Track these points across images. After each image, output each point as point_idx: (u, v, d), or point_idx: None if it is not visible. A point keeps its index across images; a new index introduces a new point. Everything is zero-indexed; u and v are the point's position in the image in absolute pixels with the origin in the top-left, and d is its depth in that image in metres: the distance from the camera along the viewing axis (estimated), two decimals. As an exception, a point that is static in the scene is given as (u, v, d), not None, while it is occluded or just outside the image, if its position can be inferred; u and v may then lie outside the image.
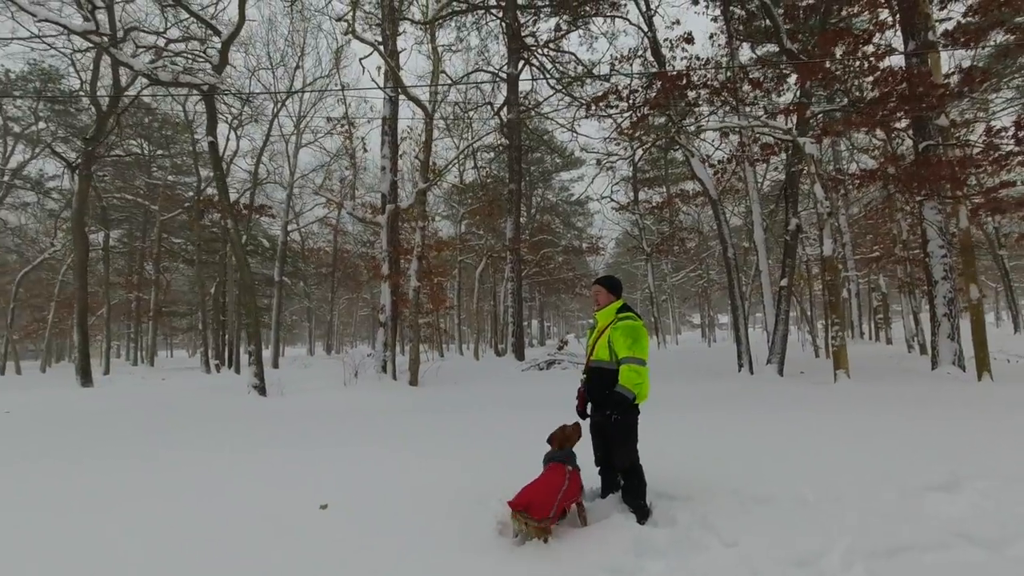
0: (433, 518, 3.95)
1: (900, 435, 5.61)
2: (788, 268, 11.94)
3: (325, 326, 46.58)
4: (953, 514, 3.74)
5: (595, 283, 4.25)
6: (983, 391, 8.17)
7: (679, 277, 35.55)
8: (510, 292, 20.01)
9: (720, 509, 3.88)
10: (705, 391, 9.43)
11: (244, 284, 10.90)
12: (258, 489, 4.64)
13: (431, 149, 11.67)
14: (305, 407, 9.18)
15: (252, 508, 4.20)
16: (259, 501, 4.35)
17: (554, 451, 3.94)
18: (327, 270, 38.86)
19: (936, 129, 10.45)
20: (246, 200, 24.17)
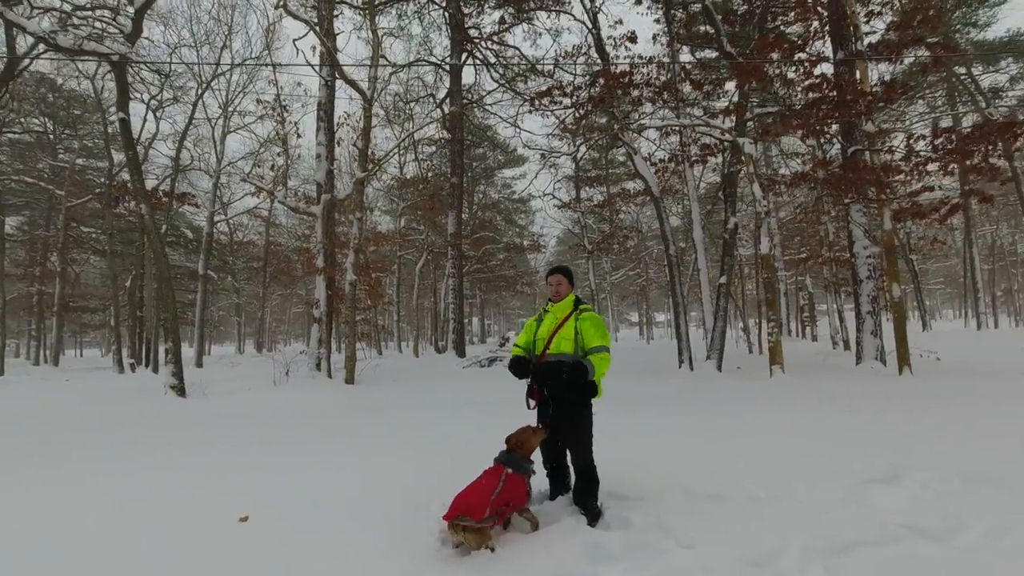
0: (368, 528, 3.59)
1: (838, 429, 5.72)
2: (727, 266, 12.25)
3: (256, 323, 44.34)
4: (897, 507, 3.75)
5: (555, 272, 3.99)
6: (906, 385, 8.59)
7: (618, 275, 36.24)
8: (451, 288, 19.58)
9: (674, 509, 3.74)
10: (648, 388, 9.45)
11: (162, 276, 9.97)
12: (167, 501, 4.11)
13: (370, 137, 11.12)
14: (228, 409, 8.47)
15: (159, 522, 3.68)
16: (168, 515, 3.83)
17: (502, 452, 3.67)
18: (258, 264, 36.99)
19: (863, 135, 10.96)
20: (167, 187, 22.53)
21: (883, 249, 10.40)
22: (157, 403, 9.24)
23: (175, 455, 5.39)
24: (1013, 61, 22.82)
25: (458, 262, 19.55)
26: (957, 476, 4.20)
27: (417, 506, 3.93)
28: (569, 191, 28.35)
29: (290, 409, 8.18)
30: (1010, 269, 37.85)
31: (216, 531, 3.58)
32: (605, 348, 3.70)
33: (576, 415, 3.73)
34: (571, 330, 3.72)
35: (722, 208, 23.85)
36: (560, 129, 15.53)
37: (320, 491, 4.22)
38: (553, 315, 3.86)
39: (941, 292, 54.60)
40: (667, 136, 13.95)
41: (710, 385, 9.56)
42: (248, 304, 45.72)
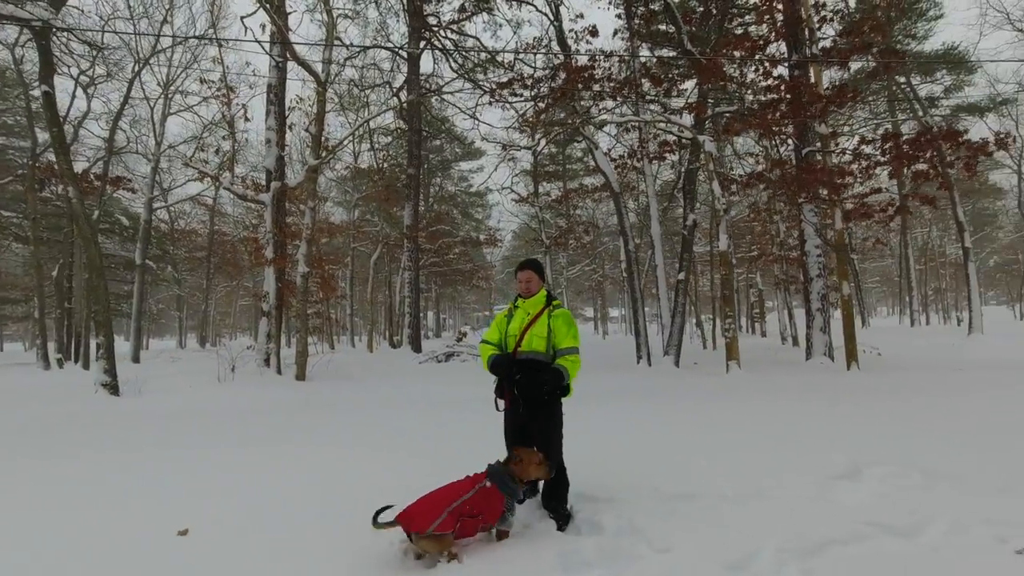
0: (320, 537, 3.33)
1: (797, 424, 5.79)
2: (685, 262, 12.39)
3: (200, 316, 42.28)
4: (861, 503, 3.77)
5: (525, 268, 3.73)
6: (855, 380, 8.87)
7: (575, 271, 36.49)
8: (407, 282, 19.15)
9: (645, 510, 3.63)
10: (608, 384, 9.41)
11: (92, 265, 9.21)
12: (95, 512, 3.70)
13: (324, 122, 10.60)
14: (167, 408, 7.89)
15: (82, 539, 3.29)
16: (96, 528, 3.44)
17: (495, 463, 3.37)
18: (202, 254, 35.20)
19: (816, 137, 11.26)
20: (100, 171, 21.03)
21: (834, 248, 10.73)
22: (87, 402, 8.54)
23: (105, 461, 4.91)
24: (947, 72, 24.17)
25: (414, 255, 19.13)
26: (914, 471, 4.27)
27: (375, 511, 3.67)
28: (527, 185, 28.25)
29: (235, 408, 7.68)
30: (939, 270, 40.31)
31: (151, 547, 3.23)
32: (575, 350, 3.56)
33: (546, 415, 3.57)
34: (544, 327, 3.55)
35: (677, 205, 24.34)
36: (520, 122, 15.34)
37: (266, 498, 3.90)
38: (524, 310, 3.67)
39: (877, 291, 57.70)
40: (627, 132, 13.98)
41: (669, 381, 9.62)
42: (191, 296, 43.58)
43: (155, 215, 31.32)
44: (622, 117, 11.73)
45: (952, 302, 45.61)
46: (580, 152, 30.04)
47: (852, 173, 10.31)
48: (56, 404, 8.28)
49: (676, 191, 18.61)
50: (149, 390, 9.45)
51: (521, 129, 16.84)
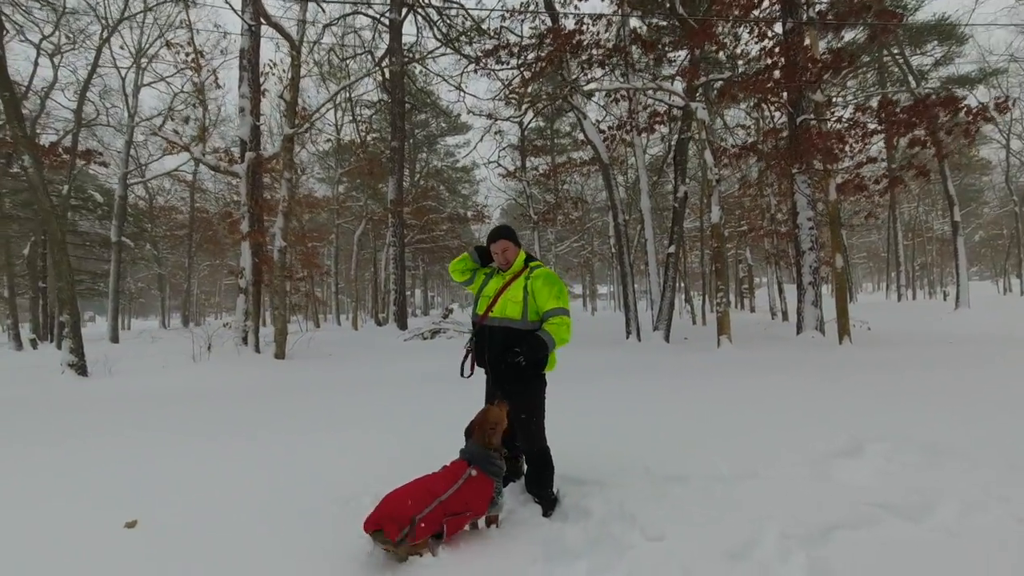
0: (285, 530, 3.03)
1: (792, 400, 5.56)
2: (676, 236, 12.09)
3: (183, 296, 41.48)
4: (865, 483, 3.55)
5: (498, 237, 3.26)
6: (848, 354, 8.70)
7: (563, 247, 36.13)
8: (392, 258, 18.71)
9: (636, 494, 3.38)
10: (597, 360, 9.17)
11: (54, 239, 8.71)
12: (37, 500, 3.37)
13: (299, 88, 10.06)
14: (135, 389, 7.53)
15: (23, 528, 2.97)
16: (35, 518, 3.11)
17: (468, 444, 3.01)
18: (183, 232, 34.34)
19: (810, 105, 10.92)
20: (70, 144, 20.17)
21: (827, 220, 10.48)
22: (51, 384, 8.14)
23: (60, 447, 4.57)
24: (938, 44, 23.85)
25: (399, 230, 18.66)
26: (916, 447, 4.06)
27: (347, 500, 3.40)
28: (515, 160, 27.69)
29: (208, 388, 7.34)
30: (926, 245, 40.51)
31: (96, 539, 2.91)
32: (563, 311, 3.13)
33: (524, 391, 3.19)
34: (519, 291, 3.14)
35: (667, 180, 23.99)
36: (506, 93, 14.81)
37: (229, 486, 3.60)
38: (503, 276, 3.29)
39: (863, 266, 58.10)
40: (616, 103, 13.53)
41: (659, 356, 9.40)
42: (173, 275, 42.73)
43: (132, 192, 30.45)
44: (613, 84, 11.28)
45: (937, 277, 46.03)
46: (568, 127, 29.47)
47: (847, 141, 10.01)
48: (16, 387, 7.88)
49: (666, 164, 18.26)
50: (120, 371, 9.07)
51: (508, 100, 16.30)
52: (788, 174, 11.07)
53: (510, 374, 3.11)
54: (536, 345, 3.03)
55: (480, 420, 3.00)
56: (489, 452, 2.92)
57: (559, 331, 3.09)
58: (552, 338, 3.07)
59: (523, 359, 2.99)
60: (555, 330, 3.08)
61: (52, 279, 21.33)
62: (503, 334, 3.13)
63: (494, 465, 2.90)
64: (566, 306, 3.17)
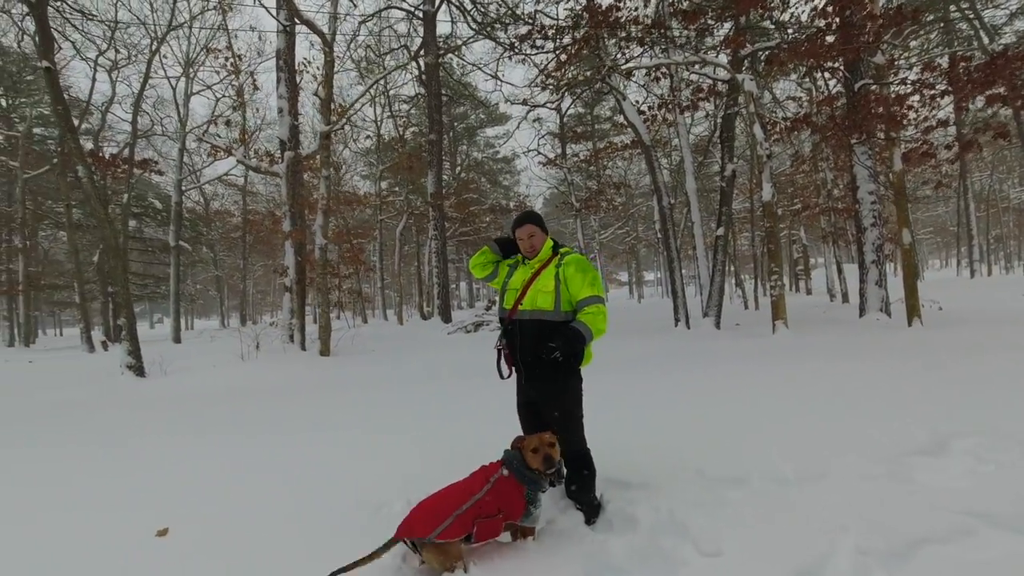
0: (314, 538, 2.91)
1: (861, 389, 5.07)
2: (725, 217, 11.47)
3: (240, 295, 43.18)
4: (954, 486, 3.12)
5: (524, 223, 3.00)
6: (919, 337, 8.00)
7: (607, 235, 35.40)
8: (434, 251, 18.71)
9: (687, 499, 3.08)
10: (643, 348, 8.80)
11: (109, 245, 9.04)
12: (68, 505, 3.38)
13: (332, 84, 10.04)
14: (186, 389, 7.71)
15: (50, 539, 2.96)
16: (68, 530, 3.10)
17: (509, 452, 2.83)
18: (237, 235, 35.63)
19: (871, 68, 10.09)
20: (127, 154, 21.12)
21: (892, 192, 9.67)
22: (110, 385, 8.46)
23: (103, 449, 4.65)
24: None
25: (440, 223, 18.63)
26: (1013, 443, 3.58)
27: (378, 506, 3.24)
28: (554, 147, 27.24)
29: (252, 387, 7.43)
30: (1001, 216, 37.54)
31: (127, 548, 2.87)
32: (599, 299, 2.87)
33: (560, 390, 2.93)
34: (550, 280, 2.88)
35: (712, 161, 23.01)
36: (543, 77, 14.43)
37: (260, 490, 3.52)
38: (529, 266, 3.02)
39: (929, 242, 54.51)
40: (657, 81, 12.96)
41: (710, 344, 8.92)
42: (230, 276, 44.52)
43: (188, 197, 31.78)
44: (653, 61, 10.74)
45: (1015, 250, 42.67)
46: (608, 111, 28.74)
47: (913, 106, 9.16)
48: (79, 388, 8.22)
49: (711, 143, 17.46)
50: (174, 370, 9.34)
51: (544, 85, 15.91)
52: (847, 145, 10.28)
53: (544, 371, 2.86)
54: (572, 337, 2.76)
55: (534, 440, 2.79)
56: (524, 461, 2.75)
57: (596, 321, 2.82)
58: (589, 329, 2.81)
59: (559, 354, 2.73)
60: (591, 320, 2.82)
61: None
62: (536, 327, 2.88)
63: (525, 474, 2.73)
64: (601, 294, 2.91)
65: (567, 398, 2.97)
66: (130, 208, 21.86)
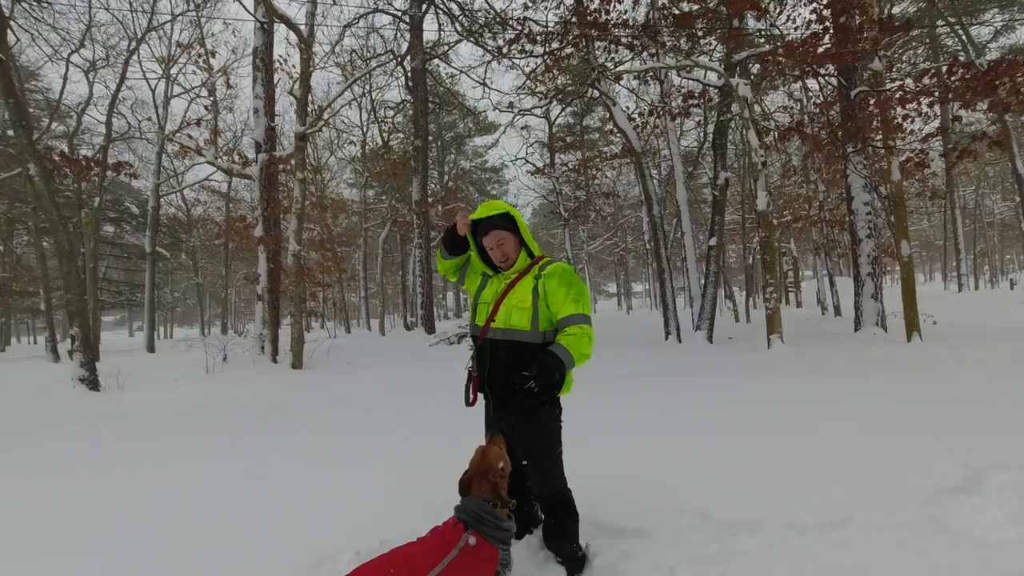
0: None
1: (874, 414, 4.62)
2: (717, 227, 11.08)
3: (223, 304, 42.17)
4: (999, 536, 2.64)
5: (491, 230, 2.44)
6: (922, 353, 7.62)
7: (595, 245, 35.09)
8: (418, 260, 18.19)
9: (690, 552, 2.57)
10: (632, 363, 8.32)
11: (60, 249, 8.41)
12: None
13: (309, 84, 9.54)
14: (137, 405, 7.08)
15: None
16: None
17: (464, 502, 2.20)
18: (219, 242, 34.81)
19: (861, 77, 9.81)
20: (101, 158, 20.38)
21: (890, 202, 9.35)
22: (60, 400, 7.79)
23: (19, 480, 4.05)
24: (999, 11, 21.94)
25: (425, 232, 18.12)
26: (1055, 479, 3.13)
27: (320, 560, 2.70)
28: (543, 156, 26.93)
29: (209, 404, 6.82)
30: (986, 231, 37.80)
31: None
32: (583, 318, 2.36)
33: (535, 423, 2.42)
34: (527, 294, 2.38)
35: (703, 172, 22.76)
36: (532, 81, 14.07)
37: (182, 536, 2.95)
38: (504, 276, 2.51)
39: (914, 256, 54.93)
40: (647, 84, 12.64)
41: (703, 359, 8.47)
42: (212, 284, 43.53)
43: (169, 203, 30.97)
44: (644, 65, 10.39)
45: (998, 264, 43.03)
46: (598, 121, 28.53)
47: (910, 115, 8.87)
48: (25, 403, 7.55)
49: (702, 153, 17.20)
50: (131, 384, 8.69)
51: (532, 91, 15.56)
52: (843, 155, 9.97)
53: (516, 400, 2.34)
54: (550, 365, 2.25)
55: (481, 466, 2.22)
56: (493, 511, 2.13)
57: (579, 344, 2.31)
58: (570, 354, 2.29)
59: (535, 384, 2.22)
60: (574, 343, 2.30)
61: (92, 292, 21.63)
62: (509, 350, 2.37)
63: (500, 529, 2.13)
64: (587, 312, 2.39)
65: (543, 432, 2.46)
66: (103, 212, 21.09)
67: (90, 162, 17.32)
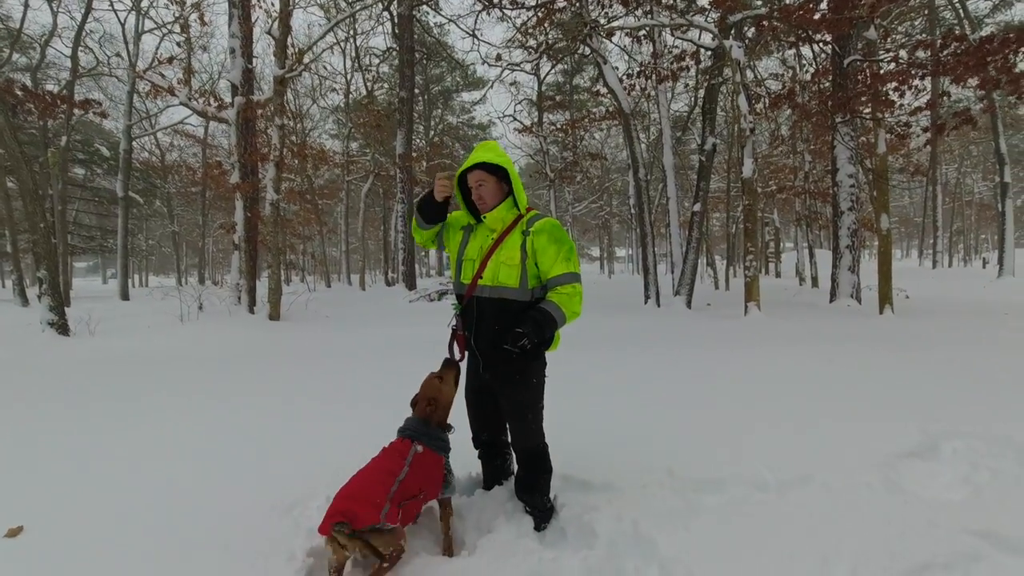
0: (203, 546, 2.36)
1: (841, 381, 4.75)
2: (702, 192, 11.05)
3: (200, 253, 41.31)
4: (949, 497, 2.77)
5: (474, 168, 2.37)
6: (893, 325, 7.81)
7: (580, 208, 34.91)
8: (400, 216, 17.91)
9: (655, 507, 2.64)
10: (611, 326, 8.40)
11: (24, 188, 8.08)
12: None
13: (289, 23, 9.09)
14: (108, 351, 6.97)
15: None
16: None
17: (408, 420, 2.49)
18: (196, 190, 33.81)
19: (860, 44, 9.68)
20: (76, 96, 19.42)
21: (875, 175, 9.38)
22: (28, 344, 7.63)
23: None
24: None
25: (408, 187, 17.79)
26: (1007, 447, 3.27)
27: (291, 505, 2.71)
28: (531, 114, 26.40)
29: (183, 352, 6.75)
30: (965, 209, 38.41)
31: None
32: (575, 276, 2.34)
33: (521, 377, 2.44)
34: (515, 250, 2.34)
35: (691, 137, 22.55)
36: (522, 34, 13.62)
37: (152, 482, 2.94)
38: (487, 226, 2.46)
39: (894, 232, 55.78)
40: (639, 43, 12.32)
41: (681, 324, 8.58)
42: (189, 233, 42.56)
43: (141, 146, 29.82)
44: (636, 22, 10.10)
45: (973, 243, 43.96)
46: (588, 81, 27.93)
47: (900, 88, 8.79)
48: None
49: (691, 118, 16.99)
50: (103, 330, 8.53)
51: (523, 44, 15.08)
52: (832, 125, 9.92)
53: (503, 356, 2.34)
54: (542, 322, 2.25)
55: (420, 393, 2.54)
56: (428, 426, 2.45)
57: (571, 303, 2.30)
58: (562, 312, 2.29)
59: (527, 341, 2.20)
60: (566, 302, 2.30)
61: (62, 233, 20.97)
62: (497, 308, 2.35)
63: (437, 440, 2.45)
64: (577, 270, 2.37)
65: (529, 387, 2.48)
66: (71, 153, 20.26)
67: (55, 98, 16.52)
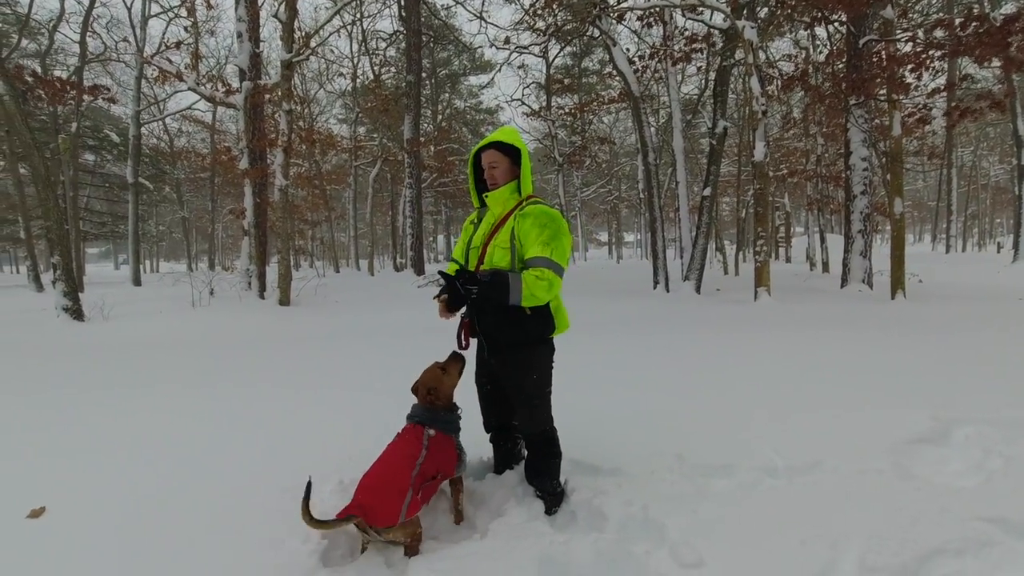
0: (222, 524, 2.41)
1: (851, 366, 4.72)
2: (712, 176, 10.93)
3: (210, 239, 41.56)
4: (960, 483, 2.75)
5: (488, 147, 2.42)
6: (905, 310, 7.73)
7: (589, 192, 34.68)
8: (409, 201, 17.89)
9: (665, 491, 2.66)
10: (620, 310, 8.39)
11: (36, 175, 8.14)
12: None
13: (296, 7, 9.00)
14: (122, 336, 7.07)
15: None
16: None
17: (415, 407, 2.54)
18: (205, 175, 33.92)
19: (876, 24, 9.46)
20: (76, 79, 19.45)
21: (889, 159, 9.23)
22: (43, 329, 7.75)
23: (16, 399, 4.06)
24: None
25: (416, 172, 17.74)
26: (1018, 432, 3.25)
27: (303, 487, 2.75)
28: (539, 98, 26.15)
29: (194, 336, 6.83)
30: (980, 193, 37.76)
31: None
32: (548, 262, 2.26)
33: (527, 363, 2.46)
34: (507, 233, 2.35)
35: (701, 121, 22.25)
36: (531, 16, 13.44)
37: (168, 465, 2.99)
38: (491, 213, 2.49)
39: (907, 216, 55.00)
40: (650, 27, 12.12)
41: (690, 309, 8.55)
42: (199, 218, 42.77)
43: (150, 132, 29.90)
44: (647, 3, 9.93)
45: (988, 227, 43.29)
46: (597, 64, 27.59)
47: (927, 65, 8.57)
48: (8, 330, 7.49)
49: (701, 102, 16.76)
50: (116, 315, 8.64)
51: (532, 26, 14.88)
52: (846, 107, 9.75)
53: (509, 340, 2.40)
54: (495, 283, 2.23)
55: (419, 382, 2.57)
56: (437, 411, 2.51)
57: (534, 286, 2.24)
58: (522, 289, 2.24)
59: (475, 291, 2.23)
60: (531, 281, 2.24)
61: (74, 220, 21.14)
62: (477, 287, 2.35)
63: (445, 421, 2.50)
64: (553, 257, 2.29)
65: (535, 372, 2.50)
66: (81, 139, 20.34)
67: (65, 84, 16.57)
